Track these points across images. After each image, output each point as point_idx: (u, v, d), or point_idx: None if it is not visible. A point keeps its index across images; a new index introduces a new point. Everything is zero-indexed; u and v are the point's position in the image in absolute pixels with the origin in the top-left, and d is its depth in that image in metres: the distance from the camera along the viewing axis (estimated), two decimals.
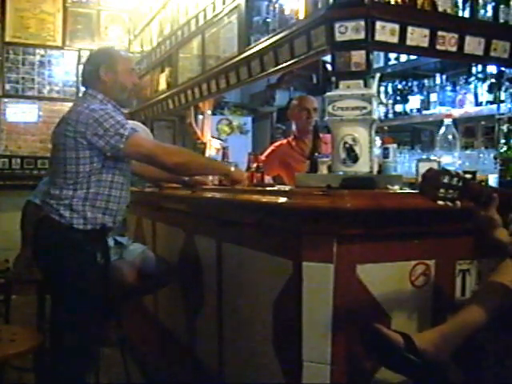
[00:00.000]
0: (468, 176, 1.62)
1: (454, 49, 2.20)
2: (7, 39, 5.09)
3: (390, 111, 3.97)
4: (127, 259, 2.76)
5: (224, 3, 3.18)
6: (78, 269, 2.15)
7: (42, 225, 2.23)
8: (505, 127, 2.46)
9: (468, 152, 2.64)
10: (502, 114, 2.96)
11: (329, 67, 2.71)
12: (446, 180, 1.49)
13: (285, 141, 3.65)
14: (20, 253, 3.15)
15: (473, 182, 1.56)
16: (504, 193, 1.57)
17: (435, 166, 1.94)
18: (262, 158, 3.06)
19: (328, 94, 1.99)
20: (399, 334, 1.56)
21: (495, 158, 2.23)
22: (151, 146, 2.22)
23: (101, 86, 2.27)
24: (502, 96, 3.15)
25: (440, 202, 1.50)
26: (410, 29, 2.08)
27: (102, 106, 2.20)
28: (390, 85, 3.99)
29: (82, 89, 2.38)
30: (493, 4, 2.48)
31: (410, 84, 3.86)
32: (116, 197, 2.24)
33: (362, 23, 1.96)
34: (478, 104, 3.34)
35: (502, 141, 2.26)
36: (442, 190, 1.49)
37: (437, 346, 1.53)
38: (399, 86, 3.93)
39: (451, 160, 2.10)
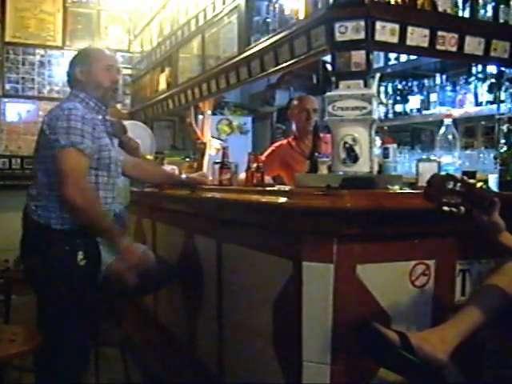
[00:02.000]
0: (471, 181, 1.62)
1: (454, 49, 2.20)
2: (7, 39, 5.08)
3: (390, 111, 3.96)
4: None
5: (224, 3, 3.18)
6: (57, 270, 2.14)
7: (25, 227, 2.23)
8: (505, 127, 2.45)
9: (468, 152, 2.64)
10: (502, 114, 2.95)
11: (329, 67, 2.70)
12: (450, 186, 1.50)
13: (285, 141, 3.65)
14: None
15: (476, 188, 1.57)
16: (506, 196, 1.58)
17: (435, 166, 1.94)
18: (262, 158, 3.06)
19: (328, 94, 1.99)
20: (396, 332, 1.57)
21: (495, 158, 2.23)
22: (72, 171, 2.08)
23: (79, 86, 2.29)
24: (502, 96, 3.15)
25: (445, 209, 1.50)
26: (409, 29, 2.08)
27: (78, 105, 2.19)
28: (390, 85, 3.98)
29: None
30: (493, 4, 2.48)
31: (410, 84, 3.86)
32: (101, 198, 2.22)
33: (362, 23, 1.96)
34: (478, 104, 3.34)
35: (502, 141, 2.26)
36: (446, 196, 1.49)
37: (434, 345, 1.53)
38: (399, 86, 3.93)
39: (451, 160, 2.10)
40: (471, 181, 1.66)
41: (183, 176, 2.62)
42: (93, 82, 2.27)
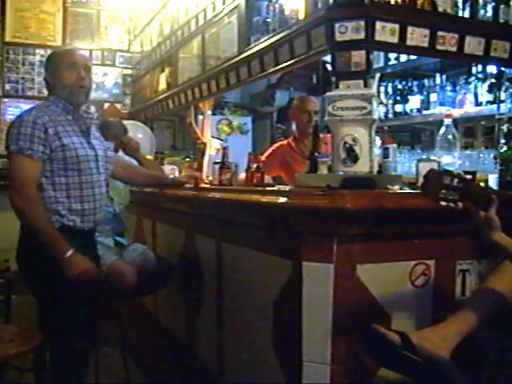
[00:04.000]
0: (469, 177, 1.62)
1: (454, 49, 2.20)
2: (7, 39, 5.08)
3: (390, 111, 3.96)
4: (127, 259, 2.76)
5: (224, 3, 3.18)
6: (40, 270, 2.15)
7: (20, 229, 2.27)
8: (505, 127, 2.46)
9: (468, 152, 2.64)
10: (502, 114, 2.95)
11: (329, 67, 2.70)
12: (447, 181, 1.50)
13: (285, 142, 3.65)
14: None
15: (473, 184, 1.57)
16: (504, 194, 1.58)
17: (435, 166, 1.94)
18: (262, 158, 3.06)
19: (328, 94, 1.99)
20: (396, 332, 1.57)
21: (495, 158, 2.23)
22: (17, 178, 2.14)
23: (50, 89, 2.33)
24: (502, 96, 3.15)
25: (442, 203, 1.50)
26: (409, 29, 2.08)
27: (36, 111, 2.21)
28: (389, 85, 3.98)
29: None
30: (493, 4, 2.48)
31: (410, 84, 3.86)
32: (76, 197, 2.22)
33: (362, 23, 1.96)
34: (478, 104, 3.34)
35: (502, 141, 2.26)
36: (443, 191, 1.50)
37: (435, 343, 1.54)
38: (399, 86, 3.92)
39: (451, 160, 2.11)
40: (468, 177, 1.65)
41: (170, 176, 2.61)
42: (58, 83, 2.28)
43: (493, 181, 2.13)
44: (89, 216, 2.26)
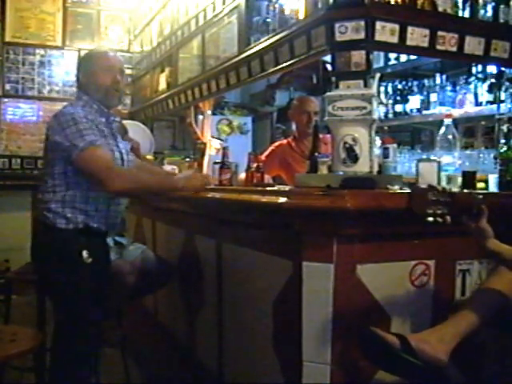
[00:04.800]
0: (455, 190, 1.63)
1: (454, 49, 2.20)
2: (7, 39, 5.08)
3: (390, 111, 3.96)
4: (127, 259, 2.76)
5: (224, 3, 3.18)
6: (63, 268, 2.17)
7: (35, 228, 2.26)
8: (505, 127, 2.46)
9: (468, 152, 2.63)
10: (502, 114, 2.95)
11: (329, 67, 2.70)
12: (433, 197, 1.51)
13: (285, 141, 3.65)
14: None
15: (461, 196, 1.57)
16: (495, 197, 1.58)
17: (435, 165, 1.94)
18: (262, 158, 3.05)
19: (328, 94, 1.99)
20: (395, 335, 1.57)
21: (495, 158, 2.23)
22: (101, 167, 2.12)
23: (83, 89, 2.33)
24: (502, 96, 3.15)
25: (430, 219, 1.51)
26: (409, 29, 2.08)
27: (79, 108, 2.22)
28: (389, 85, 3.98)
29: None
30: (493, 4, 2.48)
31: (410, 84, 3.86)
32: (105, 198, 2.23)
33: (362, 23, 1.96)
34: (478, 104, 3.34)
35: (502, 141, 2.26)
36: (431, 207, 1.50)
37: (433, 345, 1.54)
38: (399, 86, 3.93)
39: (451, 160, 2.10)
40: (454, 190, 1.66)
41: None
42: (93, 84, 2.29)
43: (493, 181, 2.13)
44: (111, 218, 2.29)
